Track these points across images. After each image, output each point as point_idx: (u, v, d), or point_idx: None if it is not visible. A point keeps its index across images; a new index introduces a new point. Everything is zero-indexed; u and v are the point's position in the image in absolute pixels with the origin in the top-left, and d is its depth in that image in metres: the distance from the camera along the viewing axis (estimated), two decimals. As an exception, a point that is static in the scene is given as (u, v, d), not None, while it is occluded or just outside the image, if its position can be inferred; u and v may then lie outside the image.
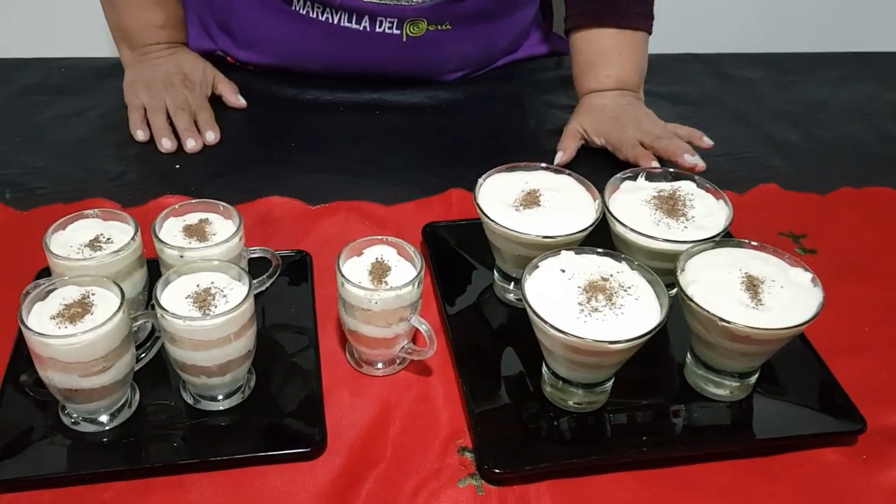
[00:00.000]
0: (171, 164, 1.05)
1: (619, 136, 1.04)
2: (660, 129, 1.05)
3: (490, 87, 1.24)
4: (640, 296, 0.70)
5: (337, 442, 0.70)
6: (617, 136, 1.04)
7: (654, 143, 1.02)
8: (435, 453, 0.70)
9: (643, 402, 0.75)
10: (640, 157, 1.00)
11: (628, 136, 1.04)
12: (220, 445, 0.69)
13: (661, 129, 1.05)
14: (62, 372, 0.65)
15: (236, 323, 0.67)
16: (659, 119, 1.07)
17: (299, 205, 0.98)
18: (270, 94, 1.20)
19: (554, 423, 0.72)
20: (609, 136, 1.05)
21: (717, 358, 0.73)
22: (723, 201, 0.82)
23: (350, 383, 0.76)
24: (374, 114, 1.18)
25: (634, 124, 1.05)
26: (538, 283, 0.71)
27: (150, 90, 1.11)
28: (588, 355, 0.67)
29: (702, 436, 0.73)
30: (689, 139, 1.05)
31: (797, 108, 1.25)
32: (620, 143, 1.04)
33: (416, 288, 0.72)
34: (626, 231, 0.78)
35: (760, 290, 0.71)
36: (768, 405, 0.75)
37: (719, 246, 0.76)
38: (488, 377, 0.77)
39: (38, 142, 1.08)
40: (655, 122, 1.06)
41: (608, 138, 1.05)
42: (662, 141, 1.02)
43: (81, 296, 0.67)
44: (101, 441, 0.69)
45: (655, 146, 1.02)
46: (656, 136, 1.03)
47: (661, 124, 1.06)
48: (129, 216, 0.76)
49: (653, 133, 1.03)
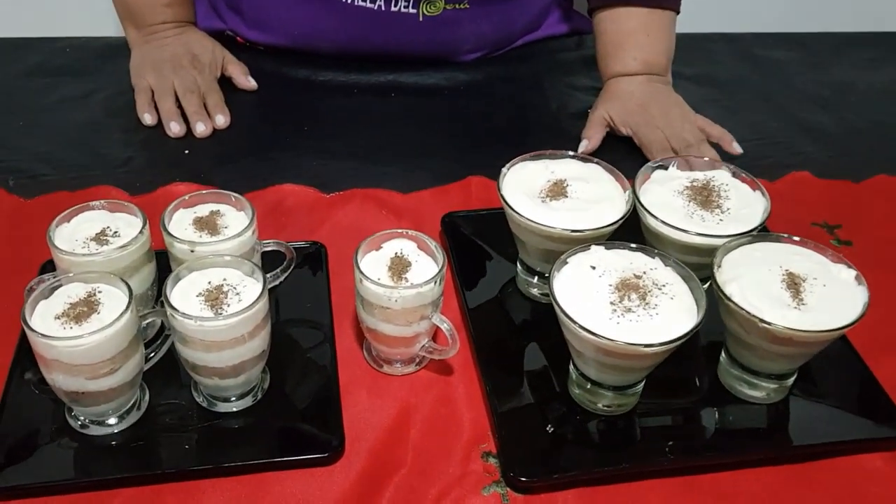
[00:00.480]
0: (179, 150, 1.01)
1: (648, 135, 1.00)
2: (689, 129, 1.00)
3: (509, 69, 1.20)
4: (675, 294, 0.66)
5: (355, 446, 0.67)
6: (645, 133, 1.00)
7: (682, 151, 0.97)
8: (458, 458, 0.67)
9: (675, 405, 0.72)
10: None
11: (658, 137, 0.99)
12: (234, 450, 0.66)
13: (691, 130, 1.00)
14: (68, 374, 0.62)
15: (250, 323, 0.64)
16: (689, 110, 1.03)
17: (313, 192, 0.94)
18: (282, 76, 1.16)
19: (582, 427, 0.69)
20: (637, 130, 1.01)
21: (754, 359, 0.69)
22: (759, 192, 0.78)
23: (368, 382, 0.73)
24: (389, 96, 1.14)
25: (664, 119, 1.00)
26: (567, 281, 0.67)
27: (157, 72, 1.07)
28: (620, 358, 0.64)
29: (737, 441, 0.69)
30: (720, 142, 1.00)
31: (826, 91, 1.21)
32: (650, 143, 0.99)
33: (438, 285, 0.69)
34: (658, 224, 0.74)
35: (802, 288, 0.67)
36: (806, 408, 0.72)
37: (757, 240, 0.72)
38: (512, 376, 0.73)
39: (42, 126, 1.04)
40: (686, 116, 1.02)
41: (636, 131, 1.01)
42: (692, 152, 0.97)
43: (87, 293, 0.64)
44: (109, 445, 0.66)
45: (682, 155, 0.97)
46: (687, 142, 0.98)
47: (692, 120, 1.01)
48: (136, 208, 0.72)
49: (682, 137, 0.99)
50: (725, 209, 0.76)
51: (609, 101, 1.04)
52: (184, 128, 1.03)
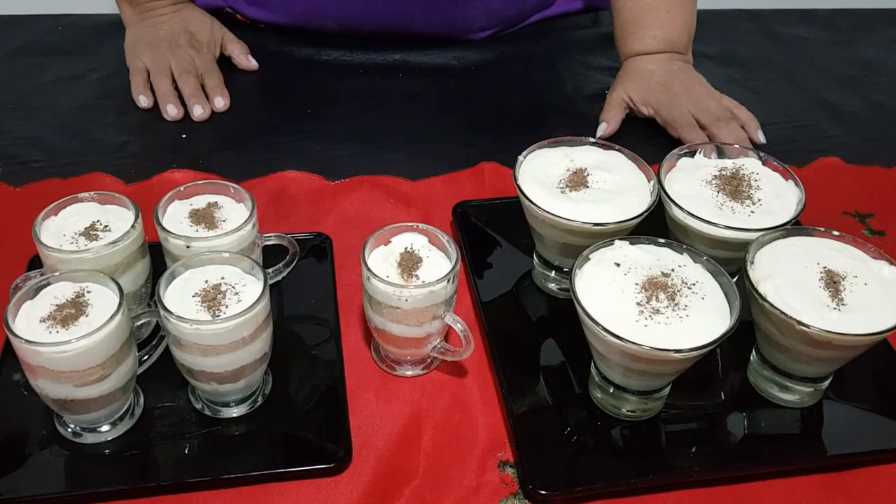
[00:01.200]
0: (176, 134, 0.96)
1: (672, 110, 0.94)
2: (716, 104, 0.95)
3: (522, 47, 1.14)
4: (706, 294, 0.62)
5: (363, 454, 0.63)
6: (668, 109, 0.95)
7: (711, 125, 0.92)
8: (472, 468, 0.63)
9: (702, 409, 0.68)
10: (697, 141, 0.90)
11: (682, 112, 0.94)
12: (234, 459, 0.62)
13: (717, 105, 0.95)
14: (54, 381, 0.58)
15: (250, 325, 0.60)
16: (713, 88, 0.97)
17: (317, 180, 0.90)
18: (284, 55, 1.11)
19: (604, 433, 0.65)
20: (660, 108, 0.95)
21: (788, 362, 0.65)
22: (792, 182, 0.73)
23: (376, 385, 0.69)
24: (397, 77, 1.08)
25: (688, 95, 0.95)
26: (590, 279, 0.63)
27: (153, 51, 1.02)
28: (648, 363, 0.59)
29: (768, 449, 0.65)
30: (745, 127, 0.95)
31: (853, 71, 1.15)
32: (673, 118, 0.94)
33: (452, 283, 0.64)
34: (685, 216, 0.70)
35: (841, 287, 0.63)
36: (842, 413, 0.68)
37: (791, 234, 0.67)
38: (528, 377, 0.69)
39: (32, 108, 1.00)
40: (711, 93, 0.97)
41: (658, 109, 0.96)
42: (720, 126, 0.92)
43: (75, 294, 0.60)
44: (101, 454, 0.62)
45: (713, 131, 0.92)
46: (715, 116, 0.93)
47: (717, 97, 0.96)
48: (128, 200, 0.68)
49: (710, 111, 0.93)
50: (756, 200, 0.72)
51: (628, 80, 0.99)
52: (181, 110, 0.98)
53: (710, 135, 0.92)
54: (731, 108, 0.95)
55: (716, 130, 0.92)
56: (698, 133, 0.92)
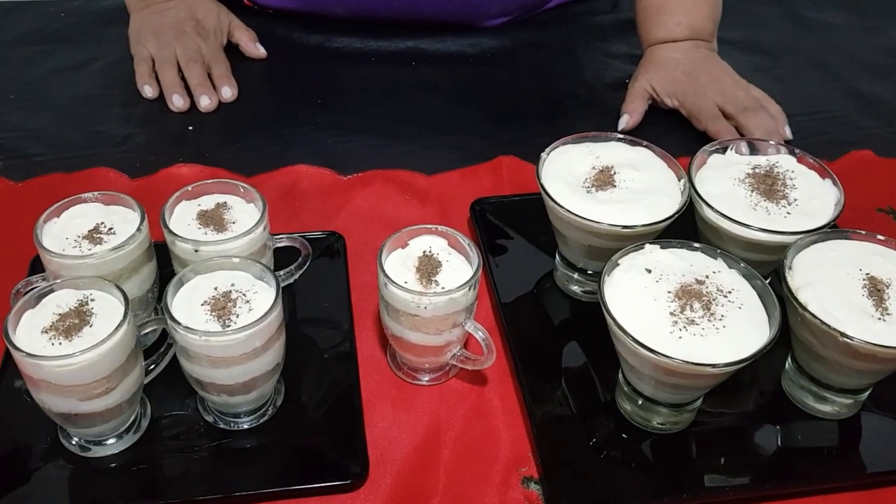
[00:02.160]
0: (183, 126, 0.93)
1: (697, 101, 0.90)
2: (744, 94, 0.91)
3: (539, 34, 1.10)
4: (743, 303, 0.58)
5: (380, 469, 0.60)
6: (694, 100, 0.91)
7: (738, 115, 0.88)
8: (495, 485, 0.60)
9: (734, 422, 0.65)
10: (723, 133, 0.87)
11: (708, 103, 0.90)
12: (244, 475, 0.59)
13: (745, 94, 0.91)
14: (57, 395, 0.55)
15: (262, 335, 0.57)
16: (740, 77, 0.93)
17: (329, 174, 0.86)
18: (293, 43, 1.07)
19: (633, 447, 0.62)
20: (685, 99, 0.92)
21: (827, 373, 0.62)
22: (829, 180, 0.70)
23: (393, 394, 0.66)
24: (410, 65, 1.05)
25: (714, 86, 0.91)
26: (620, 287, 0.59)
27: (157, 39, 0.99)
28: (682, 378, 0.56)
29: (804, 465, 0.62)
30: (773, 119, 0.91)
31: (883, 58, 1.11)
32: (699, 109, 0.90)
33: (473, 290, 0.61)
34: (717, 217, 0.66)
35: (886, 295, 0.59)
36: (882, 426, 0.65)
37: (831, 238, 0.64)
38: (552, 386, 0.66)
39: (34, 100, 0.96)
40: (738, 82, 0.93)
41: (683, 101, 0.92)
42: (748, 115, 0.88)
43: (79, 302, 0.57)
44: (107, 469, 0.59)
45: (741, 120, 0.88)
46: (742, 105, 0.89)
47: (745, 87, 0.92)
48: (133, 200, 0.64)
49: (737, 100, 0.90)
50: (792, 200, 0.68)
51: (651, 70, 0.95)
52: (187, 101, 0.95)
53: (738, 125, 0.89)
54: (759, 99, 0.92)
55: (743, 120, 0.88)
56: (724, 124, 0.89)
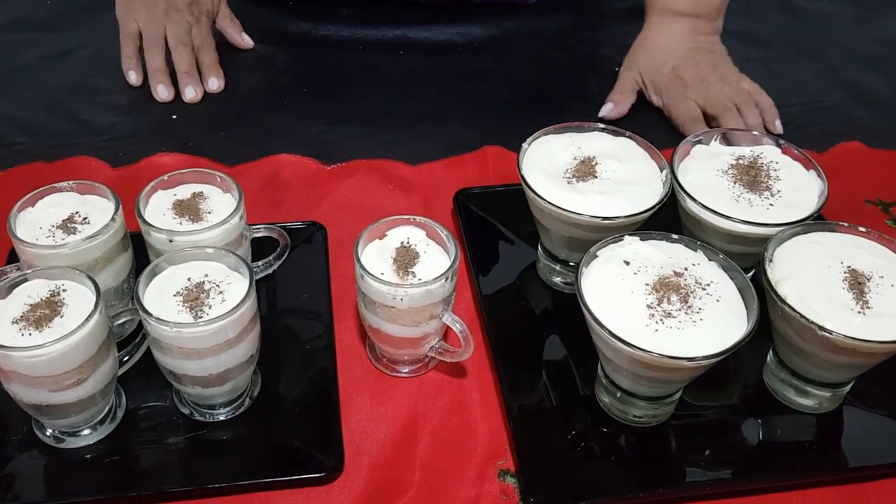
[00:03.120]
0: (167, 115, 0.93)
1: (678, 105, 0.91)
2: (730, 92, 0.90)
3: (530, 22, 1.09)
4: (721, 296, 0.58)
5: (356, 462, 0.60)
6: (675, 103, 0.91)
7: (720, 116, 0.88)
8: (471, 478, 0.59)
9: (715, 416, 0.64)
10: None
11: (688, 107, 0.90)
12: (219, 467, 0.59)
13: (731, 93, 0.90)
14: (28, 386, 0.54)
15: (235, 326, 0.56)
16: (734, 70, 0.93)
17: (312, 164, 0.86)
18: (278, 31, 1.06)
19: (612, 441, 0.61)
20: (667, 100, 0.92)
21: (807, 366, 0.61)
22: (814, 172, 0.69)
23: (371, 386, 0.65)
24: (397, 54, 1.04)
25: (700, 86, 0.91)
26: (597, 279, 0.59)
27: (148, 12, 0.96)
28: (658, 371, 0.56)
29: (785, 460, 0.61)
30: (763, 114, 0.90)
31: (878, 49, 1.10)
32: (679, 114, 0.90)
33: (450, 281, 0.60)
34: (699, 209, 0.65)
35: (867, 289, 0.59)
36: (864, 420, 0.64)
37: (813, 230, 0.63)
38: (531, 379, 0.66)
39: (17, 88, 0.96)
40: (726, 77, 0.92)
41: (665, 100, 0.92)
42: (728, 117, 0.88)
43: (50, 293, 0.56)
44: (81, 460, 0.59)
45: (721, 122, 0.88)
46: (723, 106, 0.89)
47: (734, 82, 0.92)
48: (108, 190, 0.64)
49: (718, 102, 0.89)
50: (776, 192, 0.67)
51: (643, 60, 0.94)
52: (172, 92, 0.94)
53: (718, 126, 0.88)
54: (751, 92, 0.91)
55: (724, 122, 0.88)
56: (701, 128, 0.88)
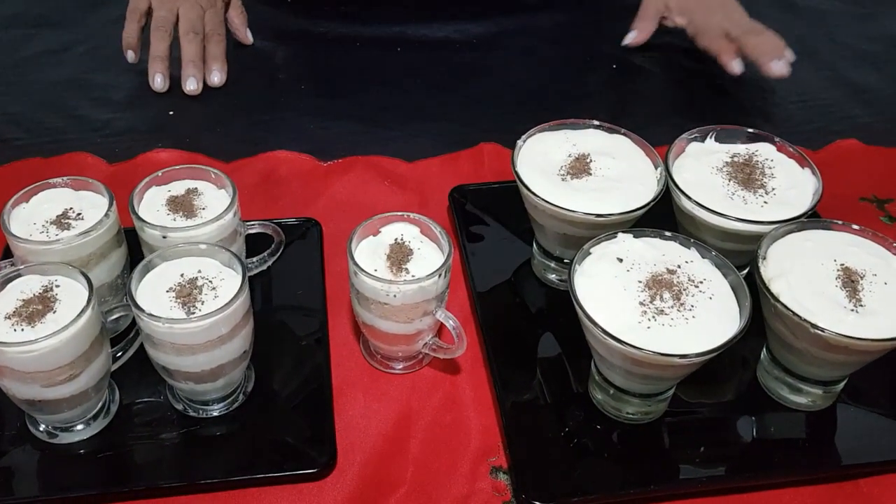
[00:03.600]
0: (163, 111, 0.92)
1: (704, 21, 0.97)
2: (749, 21, 0.96)
3: (526, 20, 1.09)
4: (714, 293, 0.58)
5: (348, 458, 0.60)
6: (702, 19, 0.97)
7: (741, 36, 0.94)
8: (463, 474, 0.59)
9: (708, 413, 0.64)
10: (723, 51, 0.94)
11: (714, 23, 0.96)
12: (212, 462, 0.59)
13: (750, 22, 0.96)
14: (20, 382, 0.54)
15: (228, 322, 0.56)
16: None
17: (308, 160, 0.86)
18: (276, 27, 1.06)
19: (605, 437, 0.61)
20: (693, 17, 0.98)
21: (800, 364, 0.61)
22: (809, 170, 0.69)
23: (364, 382, 0.66)
24: (395, 51, 1.04)
25: (722, 10, 0.97)
26: (590, 276, 0.59)
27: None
28: (651, 368, 0.56)
29: (778, 457, 0.61)
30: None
31: (875, 46, 1.10)
32: (705, 28, 0.96)
33: (444, 278, 0.60)
34: (693, 206, 0.65)
35: (860, 286, 0.58)
36: (857, 418, 0.64)
37: (807, 228, 0.63)
38: (525, 376, 0.66)
39: (14, 84, 0.96)
40: (745, 15, 0.97)
41: (692, 18, 0.98)
42: (751, 36, 0.94)
43: (43, 288, 0.56)
44: (74, 456, 0.59)
45: (743, 41, 0.94)
46: (745, 28, 0.94)
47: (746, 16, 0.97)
48: (102, 186, 0.64)
49: (741, 25, 0.95)
50: (770, 189, 0.67)
51: None
52: (168, 83, 0.94)
53: (740, 45, 0.94)
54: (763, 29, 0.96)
55: (746, 41, 0.94)
56: (724, 43, 0.94)
